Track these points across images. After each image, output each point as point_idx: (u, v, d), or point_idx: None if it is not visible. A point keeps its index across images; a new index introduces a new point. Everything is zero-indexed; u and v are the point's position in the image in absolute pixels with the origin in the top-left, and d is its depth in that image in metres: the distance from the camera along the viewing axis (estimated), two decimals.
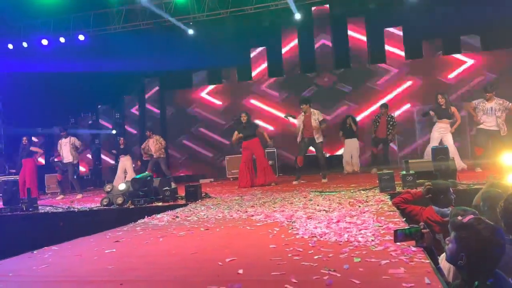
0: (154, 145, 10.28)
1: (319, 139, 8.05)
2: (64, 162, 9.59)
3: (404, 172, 5.73)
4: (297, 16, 11.42)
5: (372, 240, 2.86)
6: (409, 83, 11.32)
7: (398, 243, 2.47)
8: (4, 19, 12.27)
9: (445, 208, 3.55)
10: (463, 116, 8.65)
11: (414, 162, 6.11)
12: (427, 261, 2.23)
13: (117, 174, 10.61)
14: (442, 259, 2.41)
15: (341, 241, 2.91)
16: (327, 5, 11.90)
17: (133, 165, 10.57)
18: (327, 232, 3.21)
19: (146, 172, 7.65)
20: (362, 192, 5.74)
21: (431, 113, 7.86)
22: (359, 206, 4.48)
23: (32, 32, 12.71)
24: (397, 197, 4.12)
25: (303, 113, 8.14)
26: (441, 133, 7.56)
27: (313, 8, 12.00)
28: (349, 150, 9.79)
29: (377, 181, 5.71)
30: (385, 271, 2.13)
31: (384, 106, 9.66)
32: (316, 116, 8.05)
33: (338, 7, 11.81)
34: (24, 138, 9.93)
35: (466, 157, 9.46)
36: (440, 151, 5.46)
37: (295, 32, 12.24)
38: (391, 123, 9.39)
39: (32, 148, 9.90)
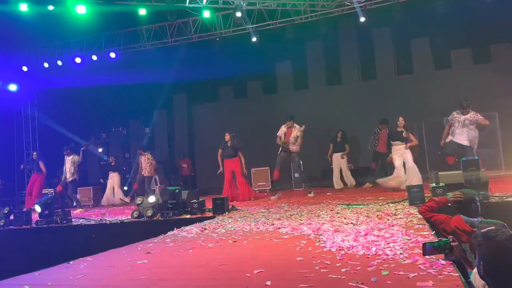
0: (145, 163, 10.50)
1: (293, 149, 8.35)
2: (67, 178, 9.86)
3: (434, 184, 5.64)
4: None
5: (401, 253, 2.84)
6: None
7: (427, 256, 2.45)
8: (40, 39, 12.90)
9: (474, 218, 3.47)
10: (491, 125, 8.42)
11: (444, 174, 6.00)
12: (456, 274, 2.21)
13: (106, 191, 11.04)
14: (474, 274, 2.38)
15: (369, 254, 2.90)
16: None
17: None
18: (355, 245, 3.21)
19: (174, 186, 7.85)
20: (391, 205, 5.68)
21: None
22: (388, 219, 4.43)
23: (66, 51, 13.29)
24: (422, 206, 4.07)
25: (286, 126, 8.48)
26: (401, 155, 7.76)
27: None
28: (337, 165, 9.71)
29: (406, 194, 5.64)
30: (413, 284, 2.12)
31: (384, 121, 9.58)
32: (297, 131, 8.39)
33: (364, 18, 11.80)
34: (34, 153, 10.35)
35: (499, 167, 9.21)
36: (471, 163, 5.34)
37: (320, 45, 12.31)
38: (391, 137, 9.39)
39: (41, 165, 10.12)
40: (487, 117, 7.64)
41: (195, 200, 6.62)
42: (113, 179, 11.03)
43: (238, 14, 10.76)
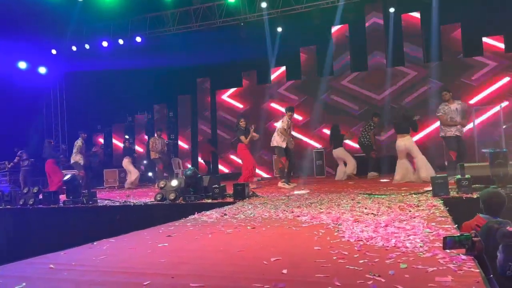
0: (150, 146, 11.03)
1: (273, 143, 8.55)
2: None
3: (459, 176, 5.51)
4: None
5: (421, 246, 2.79)
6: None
7: (448, 251, 2.41)
8: (68, 23, 13.15)
9: (494, 218, 3.38)
10: None
11: (470, 166, 5.84)
12: (477, 270, 2.16)
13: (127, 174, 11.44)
14: None
15: (388, 246, 2.87)
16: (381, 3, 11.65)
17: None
18: (374, 237, 3.18)
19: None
20: (414, 196, 5.59)
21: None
22: (410, 211, 4.37)
23: (94, 35, 13.51)
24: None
25: (289, 120, 8.56)
26: (405, 148, 7.76)
27: (365, 5, 11.78)
28: (339, 159, 9.82)
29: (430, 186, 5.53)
30: (431, 279, 2.09)
31: (377, 115, 9.88)
32: (279, 123, 8.59)
33: (392, 2, 11.50)
34: (50, 141, 10.74)
35: None
36: (498, 155, 5.18)
37: (346, 29, 12.08)
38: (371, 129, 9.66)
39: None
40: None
41: (216, 185, 6.70)
42: (123, 163, 11.37)
43: (263, 4, 10.73)
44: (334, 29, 12.16)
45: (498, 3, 10.21)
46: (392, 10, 11.35)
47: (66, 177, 7.68)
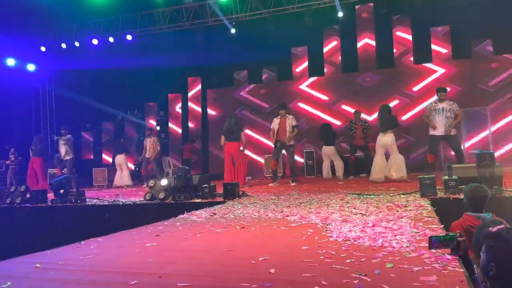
0: (149, 145, 10.81)
1: (290, 142, 8.55)
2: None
3: (446, 177, 5.57)
4: (340, 14, 11.33)
5: (407, 246, 2.83)
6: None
7: (433, 250, 2.44)
8: (58, 20, 13.02)
9: (483, 214, 3.43)
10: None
11: (457, 167, 5.91)
12: (461, 270, 2.20)
13: (117, 172, 11.35)
14: None
15: (375, 246, 2.90)
16: (371, 4, 11.72)
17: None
18: (362, 236, 3.21)
19: None
20: (402, 196, 5.64)
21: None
22: (397, 211, 4.41)
23: (83, 32, 13.39)
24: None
25: (279, 117, 8.62)
26: (383, 145, 7.88)
27: (356, 7, 11.84)
28: (327, 157, 9.91)
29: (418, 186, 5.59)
30: (416, 278, 2.12)
31: (358, 112, 9.88)
32: (291, 121, 8.56)
33: (382, 5, 11.58)
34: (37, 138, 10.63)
35: None
36: (485, 156, 5.25)
37: (337, 31, 12.13)
38: (365, 129, 9.57)
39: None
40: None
41: (206, 185, 6.69)
42: (118, 160, 11.23)
43: None
44: (325, 29, 12.19)
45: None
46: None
47: (55, 179, 7.58)
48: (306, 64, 12.50)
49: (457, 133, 7.50)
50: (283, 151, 9.20)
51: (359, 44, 11.89)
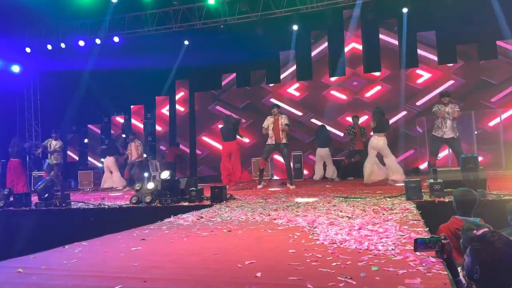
0: (135, 149, 10.88)
1: (283, 140, 8.49)
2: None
3: (431, 181, 5.63)
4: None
5: (393, 249, 2.85)
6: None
7: (418, 253, 2.46)
8: (44, 21, 12.84)
9: (471, 218, 3.48)
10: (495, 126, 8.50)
11: (442, 171, 5.98)
12: (445, 272, 2.22)
13: (104, 174, 11.29)
14: None
15: (360, 249, 2.92)
16: (358, 9, 11.82)
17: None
18: (348, 239, 3.22)
19: None
20: (388, 199, 5.68)
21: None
22: (383, 214, 4.44)
23: (70, 33, 13.23)
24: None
25: (272, 117, 8.59)
26: (375, 147, 7.88)
27: (344, 11, 11.93)
28: (321, 158, 10.02)
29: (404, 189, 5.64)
30: (401, 281, 2.13)
31: (356, 118, 10.15)
32: (283, 120, 8.53)
33: (369, 10, 11.69)
34: (18, 138, 10.56)
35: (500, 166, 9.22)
36: (469, 160, 5.33)
37: (325, 35, 12.21)
38: (363, 134, 9.85)
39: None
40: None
41: (193, 188, 6.65)
42: (106, 163, 11.13)
43: None
44: (313, 34, 12.25)
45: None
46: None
47: (41, 184, 7.42)
48: (294, 68, 12.55)
49: (459, 136, 7.62)
50: (276, 155, 9.26)
51: (346, 49, 11.99)
